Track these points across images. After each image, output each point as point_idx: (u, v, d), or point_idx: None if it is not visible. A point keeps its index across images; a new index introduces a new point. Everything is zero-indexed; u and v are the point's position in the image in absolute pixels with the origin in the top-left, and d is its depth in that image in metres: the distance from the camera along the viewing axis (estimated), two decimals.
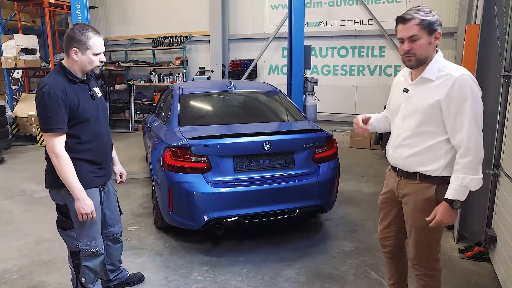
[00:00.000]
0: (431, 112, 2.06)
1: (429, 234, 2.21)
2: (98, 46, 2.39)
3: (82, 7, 6.50)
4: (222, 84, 5.21)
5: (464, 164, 1.99)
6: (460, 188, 2.01)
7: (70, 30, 2.36)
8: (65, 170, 2.31)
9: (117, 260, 2.96)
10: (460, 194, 2.02)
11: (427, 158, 2.12)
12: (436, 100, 2.02)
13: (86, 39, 2.34)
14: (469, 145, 1.98)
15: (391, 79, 8.93)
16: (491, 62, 3.40)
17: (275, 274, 3.28)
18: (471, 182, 1.99)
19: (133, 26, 10.78)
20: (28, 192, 5.42)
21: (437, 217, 2.07)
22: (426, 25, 2.00)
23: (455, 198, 2.02)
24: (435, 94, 2.03)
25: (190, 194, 3.35)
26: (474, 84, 2.00)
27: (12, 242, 3.89)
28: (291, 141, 3.66)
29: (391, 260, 2.58)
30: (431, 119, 2.07)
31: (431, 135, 2.10)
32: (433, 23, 2.00)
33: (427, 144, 2.11)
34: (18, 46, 8.68)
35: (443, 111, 2.03)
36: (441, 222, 2.07)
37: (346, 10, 8.56)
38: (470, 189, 2.01)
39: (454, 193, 2.02)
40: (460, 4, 7.43)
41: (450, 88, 1.98)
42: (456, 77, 1.99)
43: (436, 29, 2.02)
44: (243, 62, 9.64)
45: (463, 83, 1.97)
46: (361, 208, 4.76)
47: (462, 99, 1.97)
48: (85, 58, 2.37)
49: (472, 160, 1.98)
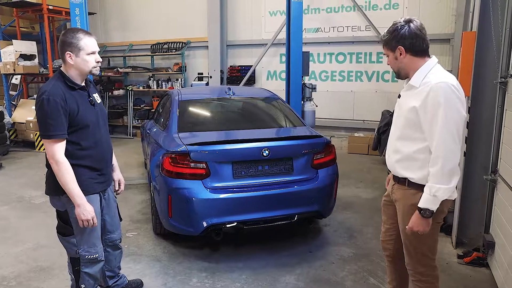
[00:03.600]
0: (409, 117, 2.11)
1: (418, 240, 2.22)
2: (90, 45, 2.39)
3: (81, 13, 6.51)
4: (220, 90, 5.22)
5: (433, 173, 2.01)
6: (430, 197, 2.01)
7: (62, 36, 2.39)
8: (65, 177, 2.31)
9: (116, 266, 2.95)
10: (430, 203, 2.02)
11: (411, 165, 2.15)
12: (412, 106, 2.07)
13: (77, 40, 2.35)
14: (438, 154, 1.98)
15: (389, 85, 8.97)
16: (487, 69, 3.43)
17: (274, 280, 3.28)
18: (438, 191, 1.98)
19: (132, 32, 10.81)
20: (26, 198, 5.40)
21: (409, 224, 2.10)
22: (385, 43, 2.16)
23: (424, 206, 2.03)
24: (413, 100, 2.08)
25: (189, 200, 3.35)
26: (450, 92, 1.97)
27: (9, 249, 3.88)
28: (289, 147, 3.67)
29: (391, 264, 2.59)
30: (410, 124, 2.12)
31: (413, 141, 2.13)
32: (389, 42, 2.12)
33: (411, 150, 2.14)
34: (17, 52, 8.69)
35: (420, 118, 2.06)
36: (413, 229, 2.09)
37: (344, 16, 8.62)
38: (439, 198, 2.01)
39: (424, 202, 2.04)
40: (456, 10, 7.50)
41: (426, 95, 2.02)
42: (432, 85, 2.00)
43: (395, 45, 2.10)
44: (242, 68, 9.67)
45: (437, 91, 1.97)
46: (360, 213, 4.77)
47: (435, 106, 1.98)
48: (80, 60, 2.37)
49: (441, 169, 1.97)
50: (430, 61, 2.12)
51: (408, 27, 2.06)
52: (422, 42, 2.08)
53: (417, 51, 2.10)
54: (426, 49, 2.12)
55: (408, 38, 2.07)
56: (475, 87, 3.47)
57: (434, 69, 2.10)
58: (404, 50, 2.09)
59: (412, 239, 2.22)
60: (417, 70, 2.11)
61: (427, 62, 2.12)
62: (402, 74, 2.19)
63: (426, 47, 2.11)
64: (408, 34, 2.06)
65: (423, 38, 2.08)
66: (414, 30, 2.06)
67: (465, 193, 3.65)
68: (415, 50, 2.09)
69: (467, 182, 3.64)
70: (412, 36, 2.06)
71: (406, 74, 2.16)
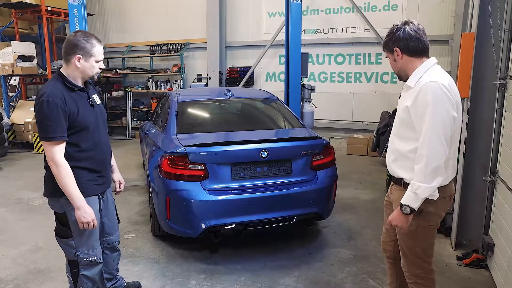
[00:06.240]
0: (403, 117, 2.15)
1: (412, 241, 2.23)
2: (100, 54, 2.44)
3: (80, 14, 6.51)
4: (219, 92, 5.21)
5: (416, 171, 2.03)
6: (411, 194, 2.03)
7: (73, 38, 2.36)
8: (66, 179, 2.30)
9: (114, 268, 2.94)
10: (411, 200, 2.04)
11: (405, 164, 2.17)
12: (405, 106, 2.11)
13: (91, 47, 2.37)
14: (422, 152, 2.00)
15: (388, 86, 8.97)
16: (486, 70, 3.43)
17: (273, 282, 3.27)
18: (418, 189, 2.00)
19: (131, 33, 10.81)
20: (24, 199, 5.38)
21: (389, 217, 2.16)
22: (384, 46, 2.22)
23: (405, 203, 2.06)
24: (407, 100, 2.12)
25: (187, 202, 3.34)
26: (440, 92, 1.97)
27: (7, 251, 3.86)
28: (288, 149, 3.66)
29: (391, 266, 2.58)
30: (404, 124, 2.16)
31: (407, 141, 2.15)
32: (387, 44, 2.18)
33: (405, 150, 2.16)
34: (16, 53, 8.69)
35: (412, 118, 2.08)
36: (391, 222, 2.14)
37: (343, 17, 8.64)
38: (420, 197, 2.01)
39: (405, 198, 2.07)
40: (455, 12, 7.51)
41: (416, 94, 2.04)
42: (422, 84, 2.03)
43: (392, 47, 2.15)
44: (240, 69, 9.68)
45: (426, 90, 1.99)
46: (359, 215, 4.76)
47: (424, 106, 2.00)
48: (88, 65, 2.39)
49: (424, 167, 1.98)
50: (428, 62, 2.13)
51: (403, 28, 2.10)
52: (418, 43, 2.10)
53: (413, 52, 2.12)
54: (423, 50, 2.13)
55: (403, 40, 2.10)
56: (474, 88, 3.47)
57: (431, 70, 2.11)
58: (400, 51, 2.13)
59: (406, 239, 2.25)
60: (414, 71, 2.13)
61: (424, 62, 2.12)
62: (403, 76, 2.21)
63: (423, 47, 2.12)
64: (402, 36, 2.10)
65: (418, 39, 2.09)
66: (409, 31, 2.09)
67: (464, 194, 3.65)
68: (411, 51, 2.12)
69: (466, 184, 3.64)
70: (407, 38, 2.09)
71: (406, 75, 2.18)
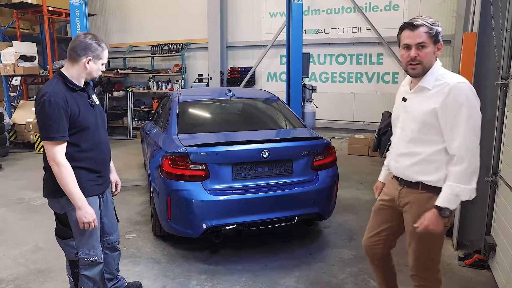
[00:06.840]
0: (428, 120, 2.07)
1: (429, 243, 2.19)
2: (106, 57, 2.51)
3: (81, 14, 6.51)
4: (220, 92, 5.21)
5: (456, 173, 1.99)
6: (451, 196, 2.00)
7: (85, 39, 2.36)
8: (66, 179, 2.29)
9: (115, 268, 2.93)
10: (451, 203, 2.00)
11: (427, 168, 2.12)
12: (432, 108, 2.04)
13: (102, 50, 2.43)
14: (462, 154, 1.97)
15: (389, 86, 8.94)
16: (488, 70, 3.42)
17: (273, 283, 3.26)
18: (462, 192, 1.97)
19: (132, 34, 10.81)
20: (25, 199, 5.38)
21: (424, 222, 2.06)
22: (434, 34, 2.03)
23: (444, 206, 2.01)
24: (431, 102, 2.04)
25: (188, 202, 3.34)
26: (471, 93, 1.99)
27: (8, 251, 3.86)
28: (289, 149, 3.65)
29: (378, 268, 2.58)
30: (428, 127, 2.08)
31: (429, 144, 2.10)
32: (439, 34, 2.05)
33: (426, 153, 2.11)
34: (17, 53, 8.70)
35: (439, 120, 2.03)
36: (427, 228, 2.06)
37: (344, 17, 8.62)
38: (461, 199, 1.99)
39: (444, 201, 2.01)
40: (457, 12, 7.50)
41: (446, 96, 1.99)
42: (452, 85, 1.99)
43: (439, 39, 2.06)
44: (242, 69, 9.67)
45: (459, 91, 1.98)
46: (360, 215, 4.75)
47: (458, 107, 1.96)
48: (96, 68, 2.44)
49: (465, 169, 1.97)
50: (438, 63, 2.12)
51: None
52: None
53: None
54: None
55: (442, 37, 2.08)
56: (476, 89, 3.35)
57: (441, 71, 2.09)
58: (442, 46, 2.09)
59: (423, 242, 2.19)
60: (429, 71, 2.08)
61: (437, 63, 2.11)
62: (421, 72, 2.08)
63: None
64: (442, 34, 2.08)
65: None
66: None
67: None
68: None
69: None
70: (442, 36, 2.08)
71: (424, 72, 2.09)
